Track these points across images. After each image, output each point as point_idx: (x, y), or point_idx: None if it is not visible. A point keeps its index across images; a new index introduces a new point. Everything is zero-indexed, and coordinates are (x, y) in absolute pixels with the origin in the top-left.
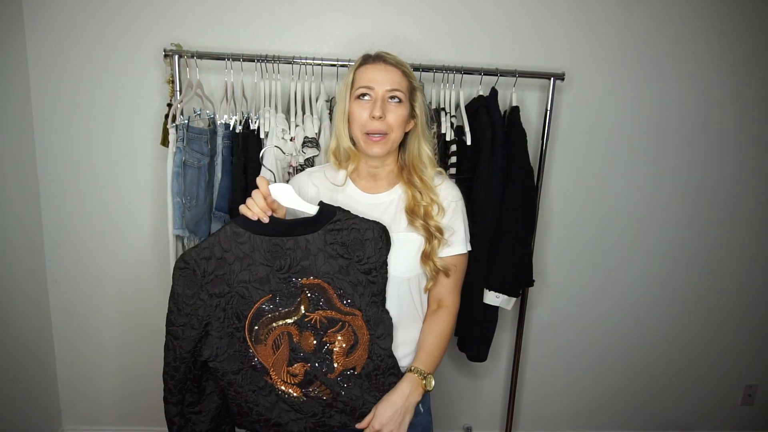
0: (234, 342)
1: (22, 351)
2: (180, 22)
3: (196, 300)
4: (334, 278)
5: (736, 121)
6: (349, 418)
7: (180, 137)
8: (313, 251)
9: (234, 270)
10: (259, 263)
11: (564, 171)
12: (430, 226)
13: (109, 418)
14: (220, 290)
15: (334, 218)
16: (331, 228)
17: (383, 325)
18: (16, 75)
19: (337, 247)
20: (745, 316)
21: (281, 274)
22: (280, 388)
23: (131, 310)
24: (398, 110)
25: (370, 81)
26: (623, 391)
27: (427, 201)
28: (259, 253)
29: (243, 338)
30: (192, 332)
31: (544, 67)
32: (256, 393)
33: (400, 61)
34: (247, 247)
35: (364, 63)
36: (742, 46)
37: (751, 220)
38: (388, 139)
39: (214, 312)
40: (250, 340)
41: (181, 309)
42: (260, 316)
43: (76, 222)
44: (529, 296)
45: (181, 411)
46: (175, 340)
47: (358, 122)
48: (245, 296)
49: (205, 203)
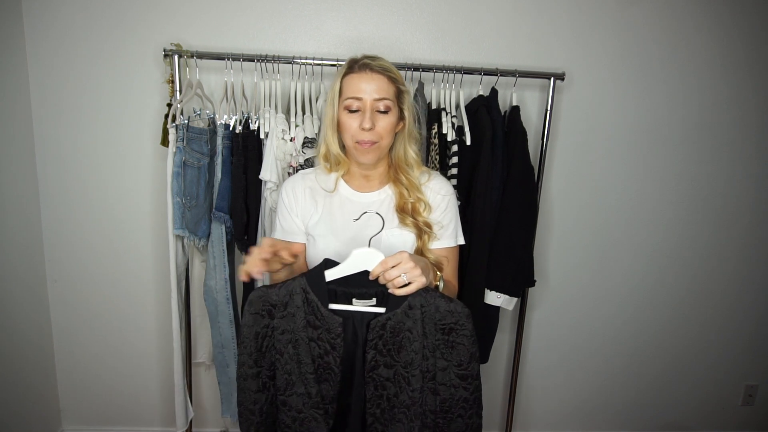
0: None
1: (22, 351)
2: (180, 22)
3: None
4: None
5: (737, 121)
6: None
7: (180, 137)
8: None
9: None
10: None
11: (564, 170)
12: (419, 222)
13: (109, 418)
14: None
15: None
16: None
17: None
18: (16, 75)
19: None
20: (746, 316)
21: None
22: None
23: (131, 310)
24: (387, 118)
25: (358, 91)
26: (623, 391)
27: (413, 198)
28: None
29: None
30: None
31: (544, 67)
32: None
33: (386, 66)
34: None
35: (351, 71)
36: (742, 45)
37: (751, 219)
38: (378, 147)
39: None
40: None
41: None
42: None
43: (76, 222)
44: (529, 296)
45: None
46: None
47: (349, 132)
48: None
49: (205, 203)
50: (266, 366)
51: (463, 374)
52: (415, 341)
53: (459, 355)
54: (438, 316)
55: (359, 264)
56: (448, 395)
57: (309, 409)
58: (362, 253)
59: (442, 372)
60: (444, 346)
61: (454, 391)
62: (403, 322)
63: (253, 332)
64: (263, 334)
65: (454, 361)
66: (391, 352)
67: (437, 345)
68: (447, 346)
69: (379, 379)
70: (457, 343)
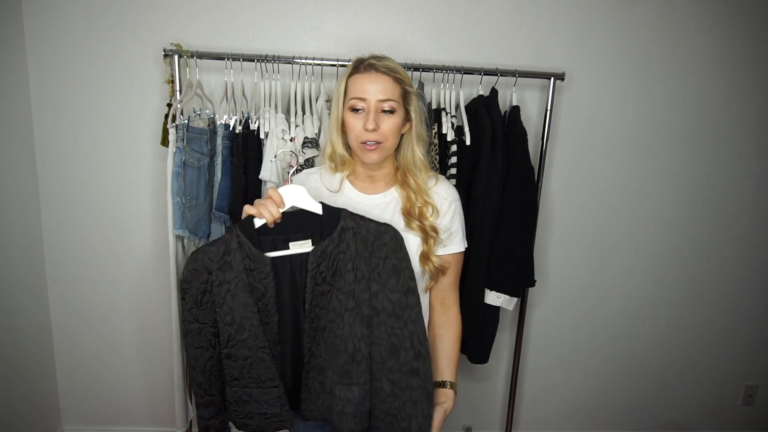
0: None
1: (22, 351)
2: (180, 22)
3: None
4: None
5: (737, 121)
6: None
7: (180, 137)
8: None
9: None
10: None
11: (564, 170)
12: (426, 226)
13: (109, 418)
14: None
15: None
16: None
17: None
18: (16, 75)
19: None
20: (746, 315)
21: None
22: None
23: (131, 309)
24: (392, 119)
25: (362, 92)
26: (624, 391)
27: (421, 202)
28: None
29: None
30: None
31: (544, 67)
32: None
33: (392, 66)
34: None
35: (356, 71)
36: (742, 45)
37: (751, 219)
38: (383, 147)
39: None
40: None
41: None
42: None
43: (76, 222)
44: (530, 296)
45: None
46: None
47: (353, 132)
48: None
49: (205, 203)
50: (209, 323)
51: (398, 299)
52: (348, 261)
53: (388, 274)
54: (370, 238)
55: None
56: (380, 321)
57: (256, 351)
58: (283, 191)
59: (376, 297)
60: (379, 268)
61: (386, 318)
62: (338, 245)
63: (193, 288)
64: (203, 290)
65: (388, 283)
66: (327, 279)
67: (373, 268)
68: (381, 268)
69: (318, 312)
70: (390, 264)
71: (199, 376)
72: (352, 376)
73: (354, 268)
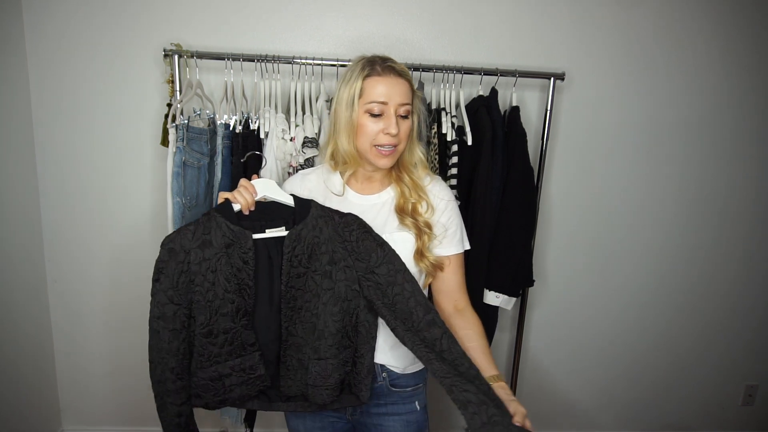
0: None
1: (22, 350)
2: (180, 22)
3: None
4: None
5: (736, 121)
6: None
7: (180, 137)
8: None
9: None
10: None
11: (564, 171)
12: (419, 222)
13: (109, 418)
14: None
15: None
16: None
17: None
18: (16, 75)
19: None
20: (746, 315)
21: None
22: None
23: (131, 309)
24: (407, 123)
25: (384, 96)
26: (623, 391)
27: (415, 198)
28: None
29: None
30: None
31: (544, 67)
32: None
33: (405, 69)
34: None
35: (373, 73)
36: (743, 46)
37: (750, 219)
38: (396, 151)
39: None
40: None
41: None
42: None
43: (76, 222)
44: (529, 296)
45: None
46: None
47: (368, 135)
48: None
49: (205, 203)
50: (184, 304)
51: (386, 270)
52: (322, 244)
53: (368, 250)
54: (340, 225)
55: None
56: (395, 292)
57: (239, 320)
58: (255, 182)
59: (373, 273)
60: (358, 249)
61: (387, 288)
62: (312, 230)
63: (169, 268)
64: (179, 270)
65: (371, 259)
66: (303, 262)
67: (351, 251)
68: (360, 248)
69: (294, 293)
70: (366, 245)
71: (171, 361)
72: (321, 351)
73: (329, 250)
